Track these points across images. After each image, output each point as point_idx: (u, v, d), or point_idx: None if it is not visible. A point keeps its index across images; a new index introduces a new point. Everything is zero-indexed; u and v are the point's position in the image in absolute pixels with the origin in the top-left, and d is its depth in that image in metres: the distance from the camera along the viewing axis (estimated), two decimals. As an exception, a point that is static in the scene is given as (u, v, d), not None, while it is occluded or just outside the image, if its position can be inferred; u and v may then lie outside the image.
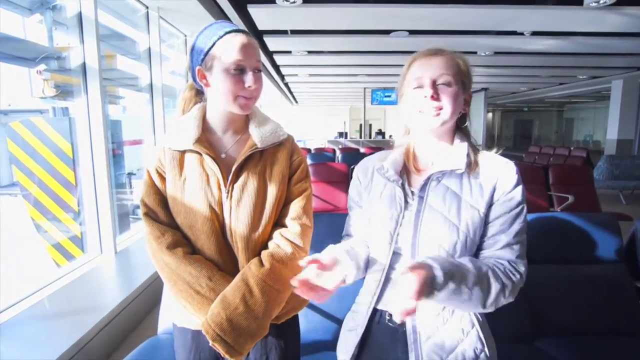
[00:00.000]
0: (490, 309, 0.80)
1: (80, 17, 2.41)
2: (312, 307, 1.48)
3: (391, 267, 0.87)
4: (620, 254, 1.61)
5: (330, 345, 1.40)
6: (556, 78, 8.36)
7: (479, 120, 10.94)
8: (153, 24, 3.40)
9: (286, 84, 9.33)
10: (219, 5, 3.34)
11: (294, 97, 12.79)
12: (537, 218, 1.65)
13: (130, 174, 4.32)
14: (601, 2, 3.21)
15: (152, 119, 3.54)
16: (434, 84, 0.82)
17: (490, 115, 17.37)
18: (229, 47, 0.82)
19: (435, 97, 0.82)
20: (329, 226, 1.26)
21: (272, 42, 4.83)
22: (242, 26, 3.83)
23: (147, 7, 3.32)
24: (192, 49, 0.87)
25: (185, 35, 4.13)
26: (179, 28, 3.98)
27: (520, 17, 3.75)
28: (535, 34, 4.36)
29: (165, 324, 1.51)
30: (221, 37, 0.83)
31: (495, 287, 0.78)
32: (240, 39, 0.83)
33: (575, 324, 1.51)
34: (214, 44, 0.83)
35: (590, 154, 8.08)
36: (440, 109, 0.82)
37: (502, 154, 0.89)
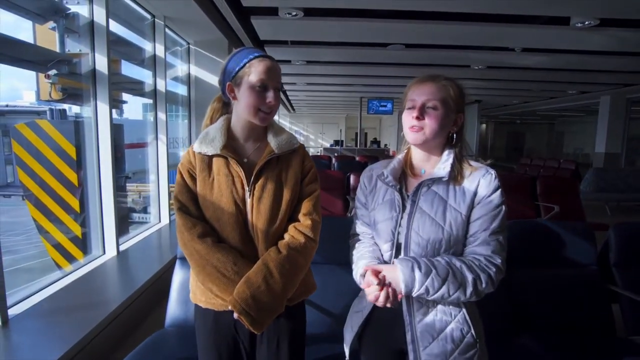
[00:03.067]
0: (473, 298, 0.93)
1: (92, 25, 2.53)
2: (310, 302, 1.57)
3: (394, 259, 0.99)
4: (594, 259, 1.76)
5: (327, 338, 1.49)
6: (546, 92, 8.61)
7: (472, 132, 11.18)
8: (159, 32, 3.52)
9: (284, 92, 9.48)
10: (223, 16, 3.46)
11: (291, 105, 12.96)
12: (522, 224, 1.78)
13: (126, 177, 4.38)
14: (586, 23, 3.41)
15: (155, 123, 3.63)
16: (423, 107, 0.97)
17: (484, 126, 17.67)
18: (256, 68, 0.98)
19: (421, 117, 0.97)
20: (328, 229, 1.37)
21: (272, 52, 4.97)
22: (245, 36, 3.96)
23: (154, 16, 3.44)
24: (225, 67, 1.03)
25: (189, 44, 4.25)
26: (183, 37, 4.10)
27: (511, 34, 3.95)
28: (525, 50, 4.56)
29: (174, 317, 1.60)
30: (250, 60, 0.99)
31: (469, 277, 0.91)
32: (266, 62, 0.99)
33: (553, 321, 1.64)
34: (244, 64, 0.99)
35: (579, 166, 8.27)
36: (422, 128, 0.97)
37: (494, 165, 1.03)
